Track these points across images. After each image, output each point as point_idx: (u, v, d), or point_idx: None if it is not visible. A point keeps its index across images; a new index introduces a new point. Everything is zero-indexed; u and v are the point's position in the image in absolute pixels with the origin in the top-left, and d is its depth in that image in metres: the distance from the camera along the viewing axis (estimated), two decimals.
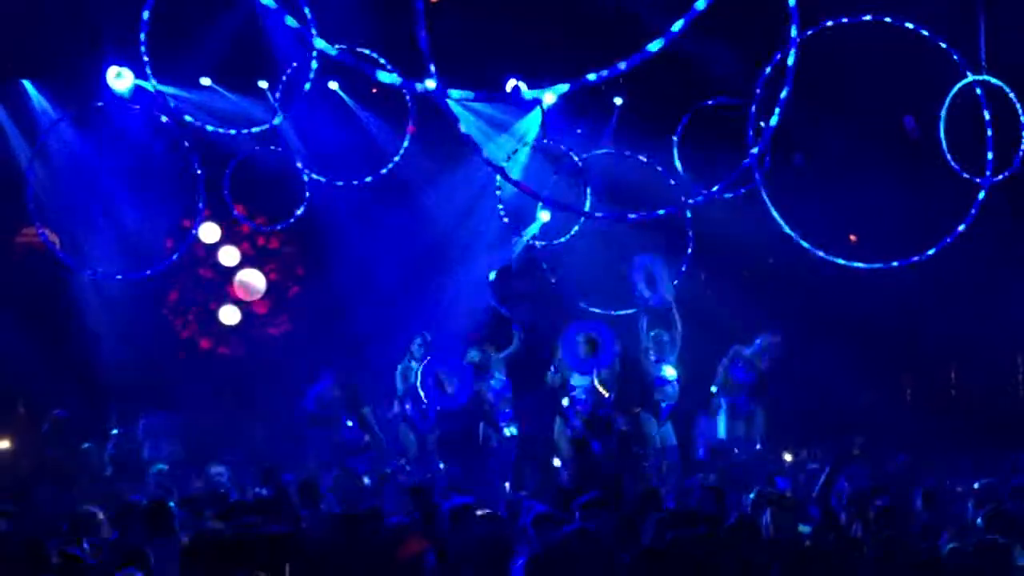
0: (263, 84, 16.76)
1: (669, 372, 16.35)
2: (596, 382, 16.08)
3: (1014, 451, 14.33)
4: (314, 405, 16.56)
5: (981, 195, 14.67)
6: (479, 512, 9.66)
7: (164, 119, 15.32)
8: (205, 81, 17.33)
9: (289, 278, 19.98)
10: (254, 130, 15.26)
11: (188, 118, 14.23)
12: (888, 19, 14.57)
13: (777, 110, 9.79)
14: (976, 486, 11.65)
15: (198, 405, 18.02)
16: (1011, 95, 14.84)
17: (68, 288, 17.92)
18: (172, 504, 9.69)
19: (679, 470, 15.82)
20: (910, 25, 14.52)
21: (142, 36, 13.58)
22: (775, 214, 14.96)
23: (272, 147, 16.65)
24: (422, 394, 16.30)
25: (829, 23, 14.50)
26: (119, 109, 16.19)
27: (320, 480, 12.77)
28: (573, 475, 15.20)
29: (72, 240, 17.89)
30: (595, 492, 10.13)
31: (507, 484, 15.54)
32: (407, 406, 16.52)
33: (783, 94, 9.70)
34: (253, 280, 19.47)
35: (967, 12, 15.43)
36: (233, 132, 15.33)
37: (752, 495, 10.56)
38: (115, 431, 17.03)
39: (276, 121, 15.51)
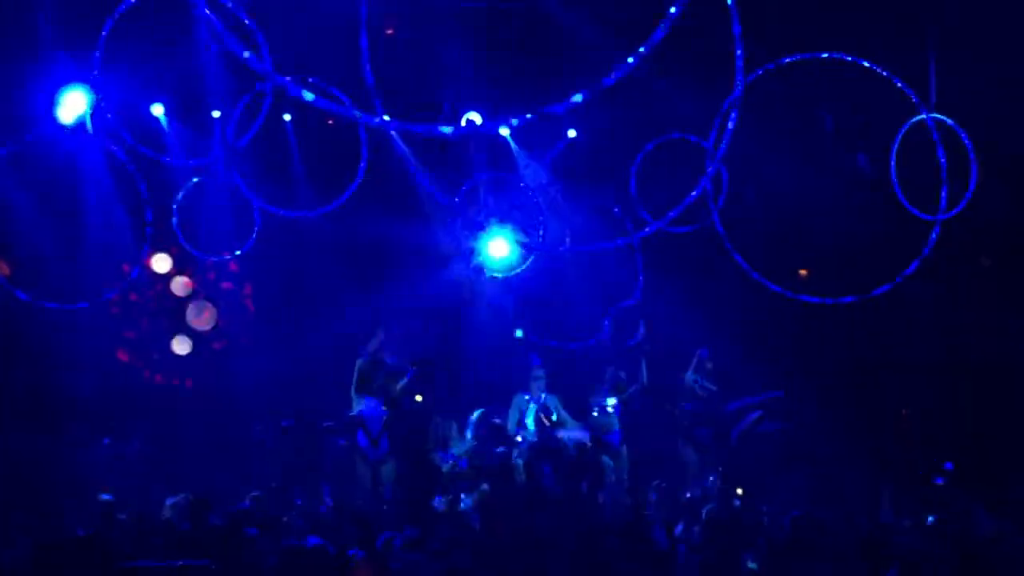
0: (216, 114, 16.66)
1: (610, 402, 16.48)
2: (541, 414, 16.15)
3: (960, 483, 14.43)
4: None
5: (934, 232, 14.84)
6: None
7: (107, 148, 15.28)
8: (157, 109, 17.22)
9: (240, 310, 19.83)
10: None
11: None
12: (844, 57, 14.72)
13: (722, 142, 9.85)
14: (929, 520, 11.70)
15: (150, 435, 17.87)
16: (961, 133, 14.98)
17: (18, 316, 17.70)
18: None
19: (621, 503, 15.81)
20: (865, 63, 14.68)
21: (96, 60, 13.58)
22: (729, 247, 15.05)
23: (222, 177, 16.60)
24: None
25: (785, 60, 14.63)
26: (69, 137, 16.09)
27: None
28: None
29: (23, 269, 17.70)
30: None
31: None
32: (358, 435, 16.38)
33: (729, 124, 9.76)
34: (204, 311, 19.34)
35: (918, 51, 15.59)
36: (183, 163, 15.33)
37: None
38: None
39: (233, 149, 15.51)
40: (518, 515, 12.91)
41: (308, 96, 9.94)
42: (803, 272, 18.85)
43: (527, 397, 16.44)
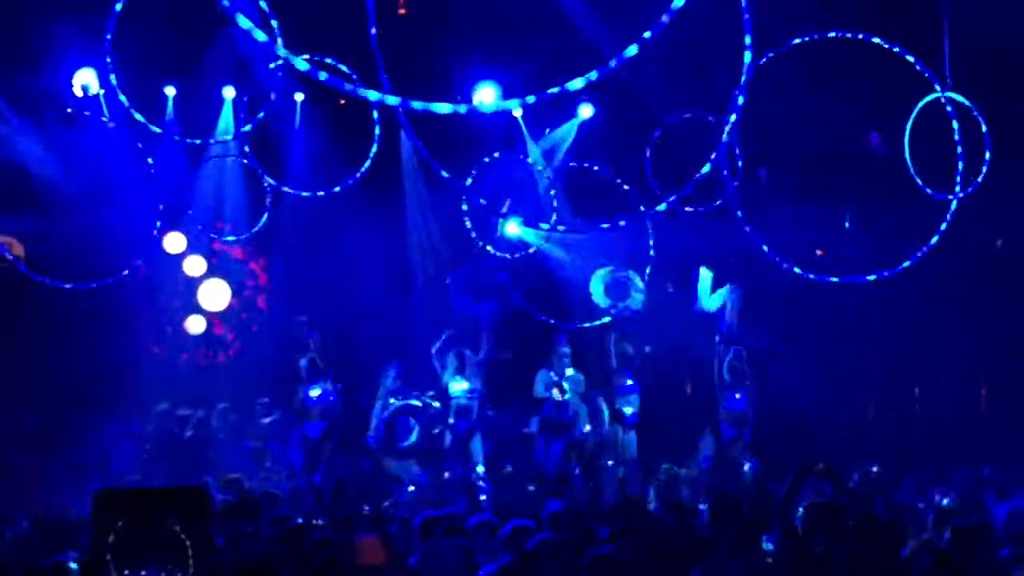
0: (229, 93, 16.66)
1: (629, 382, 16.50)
2: (554, 388, 16.14)
3: (973, 466, 14.40)
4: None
5: (950, 211, 14.80)
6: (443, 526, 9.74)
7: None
8: (170, 91, 17.22)
9: (254, 289, 19.83)
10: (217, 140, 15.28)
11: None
12: (854, 35, 14.68)
13: (732, 117, 9.84)
14: (944, 502, 11.70)
15: (164, 415, 17.88)
16: (975, 111, 14.92)
17: (31, 297, 17.71)
18: None
19: (637, 481, 15.84)
20: (878, 41, 14.64)
21: (107, 42, 13.61)
22: (746, 227, 15.01)
23: (235, 157, 16.61)
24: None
25: (796, 40, 14.59)
26: (82, 116, 16.15)
27: None
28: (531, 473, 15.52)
29: (35, 248, 17.71)
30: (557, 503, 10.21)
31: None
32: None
33: (739, 101, 9.75)
34: (217, 290, 19.32)
35: (931, 29, 15.49)
36: (198, 142, 15.35)
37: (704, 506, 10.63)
38: None
39: (245, 128, 15.56)
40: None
41: (322, 75, 9.89)
42: (819, 252, 18.82)
43: (551, 373, 16.45)
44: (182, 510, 5.29)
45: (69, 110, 16.07)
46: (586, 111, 17.98)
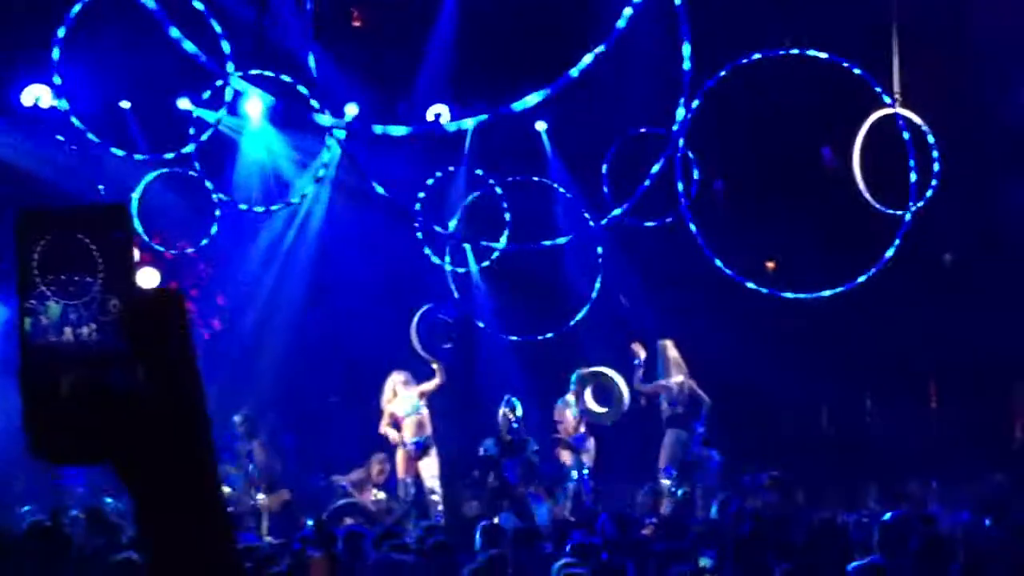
0: (184, 104, 16.49)
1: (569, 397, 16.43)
2: (504, 408, 16.04)
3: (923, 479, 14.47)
4: None
5: (904, 225, 14.90)
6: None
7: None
8: (125, 104, 17.11)
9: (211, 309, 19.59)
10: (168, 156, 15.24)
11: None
12: (807, 52, 14.77)
13: (675, 127, 9.88)
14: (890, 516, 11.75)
15: None
16: (923, 126, 15.04)
17: None
18: None
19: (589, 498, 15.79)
20: (829, 56, 14.74)
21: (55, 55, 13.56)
22: (700, 241, 15.05)
23: (188, 171, 16.48)
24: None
25: (748, 58, 14.64)
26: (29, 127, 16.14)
27: None
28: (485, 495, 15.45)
29: None
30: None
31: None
32: None
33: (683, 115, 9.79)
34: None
35: (879, 45, 15.59)
36: (143, 157, 15.37)
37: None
38: None
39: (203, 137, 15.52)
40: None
41: (268, 99, 9.93)
42: (770, 265, 18.87)
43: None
44: (103, 225, 5.31)
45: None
46: (540, 127, 18.04)
